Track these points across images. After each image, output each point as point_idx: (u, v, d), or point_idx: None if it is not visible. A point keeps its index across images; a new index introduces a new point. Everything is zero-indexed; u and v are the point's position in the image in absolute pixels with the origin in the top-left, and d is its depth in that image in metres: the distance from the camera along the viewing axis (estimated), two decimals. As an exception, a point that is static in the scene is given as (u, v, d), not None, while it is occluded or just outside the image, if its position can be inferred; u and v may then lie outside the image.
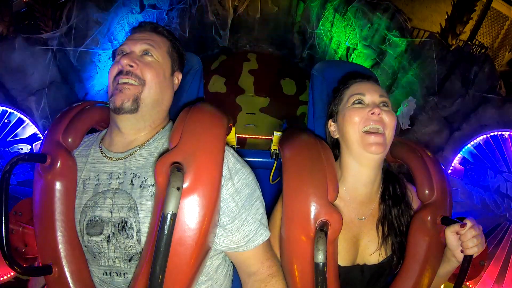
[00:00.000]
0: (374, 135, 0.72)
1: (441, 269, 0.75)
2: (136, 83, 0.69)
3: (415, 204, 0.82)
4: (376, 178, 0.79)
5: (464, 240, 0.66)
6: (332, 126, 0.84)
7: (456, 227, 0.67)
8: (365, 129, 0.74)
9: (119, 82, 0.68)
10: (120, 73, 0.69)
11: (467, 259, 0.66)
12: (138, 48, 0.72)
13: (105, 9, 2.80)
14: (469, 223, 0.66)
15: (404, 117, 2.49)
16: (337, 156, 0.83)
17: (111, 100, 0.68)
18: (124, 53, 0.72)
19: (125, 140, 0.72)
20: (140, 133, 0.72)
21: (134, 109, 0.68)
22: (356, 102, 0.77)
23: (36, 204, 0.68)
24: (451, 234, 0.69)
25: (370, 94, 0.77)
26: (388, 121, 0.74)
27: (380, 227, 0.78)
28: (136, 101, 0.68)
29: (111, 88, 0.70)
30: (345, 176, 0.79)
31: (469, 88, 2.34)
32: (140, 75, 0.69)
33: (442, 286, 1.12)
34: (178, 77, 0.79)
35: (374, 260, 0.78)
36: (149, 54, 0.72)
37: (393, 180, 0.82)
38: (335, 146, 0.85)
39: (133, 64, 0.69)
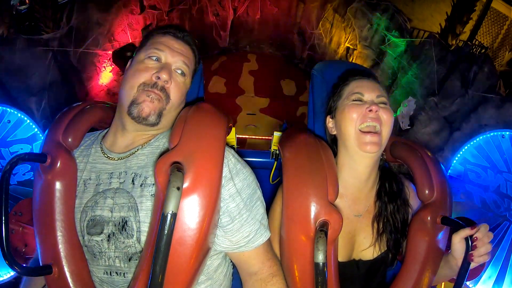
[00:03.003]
0: (370, 134, 0.73)
1: (442, 271, 0.74)
2: (163, 99, 0.68)
3: (413, 201, 0.81)
4: (371, 175, 0.79)
5: (480, 246, 0.63)
6: (330, 122, 0.84)
7: (467, 231, 0.64)
8: (362, 126, 0.74)
9: (149, 91, 0.66)
10: (153, 85, 0.67)
11: (465, 265, 0.65)
12: (175, 62, 0.70)
13: (105, 10, 2.81)
14: (484, 228, 0.63)
15: (404, 117, 2.49)
16: (335, 153, 0.83)
17: (136, 106, 0.66)
18: (159, 61, 0.69)
19: (128, 141, 0.72)
20: (144, 135, 0.72)
21: (156, 123, 0.68)
22: (355, 99, 0.77)
23: (36, 204, 0.68)
24: (460, 240, 0.65)
25: (369, 92, 0.77)
26: (386, 118, 0.74)
27: (375, 224, 0.78)
28: (160, 116, 0.68)
29: (135, 92, 0.67)
30: (341, 172, 0.79)
31: (469, 88, 2.34)
32: (169, 94, 0.69)
33: (443, 286, 1.12)
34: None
35: (369, 256, 0.78)
36: (183, 74, 0.72)
37: (390, 177, 0.82)
38: (333, 143, 0.85)
39: (169, 81, 0.68)
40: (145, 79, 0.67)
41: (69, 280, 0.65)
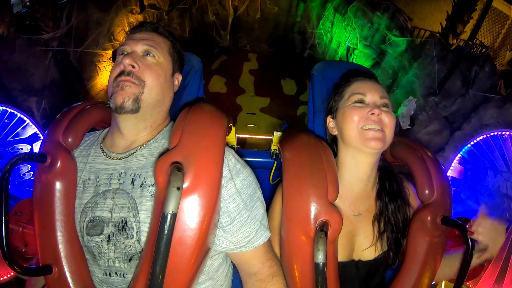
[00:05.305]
0: (374, 130, 0.73)
1: (442, 270, 0.74)
2: (136, 83, 0.69)
3: (414, 201, 0.81)
4: (372, 174, 0.79)
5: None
6: (331, 122, 0.84)
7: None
8: (364, 128, 0.74)
9: (119, 81, 0.68)
10: (121, 73, 0.69)
11: (465, 265, 0.65)
12: (139, 48, 0.72)
13: (105, 10, 2.80)
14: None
15: (404, 116, 2.48)
16: (335, 152, 0.83)
17: (111, 98, 0.68)
18: (126, 53, 0.72)
19: (126, 141, 0.72)
20: (141, 133, 0.72)
21: (135, 110, 0.68)
22: (357, 101, 0.77)
23: (36, 204, 0.68)
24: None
25: (371, 94, 0.77)
26: (388, 122, 0.74)
27: (376, 223, 0.78)
28: (137, 101, 0.68)
29: (111, 87, 0.70)
30: (341, 172, 0.79)
31: (470, 88, 2.34)
32: (141, 77, 0.69)
33: (443, 286, 1.12)
34: (178, 78, 0.80)
35: (369, 256, 0.78)
36: (151, 54, 0.72)
37: (390, 177, 0.82)
38: (333, 142, 0.85)
39: (135, 64, 0.68)
40: (115, 73, 0.70)
41: (69, 280, 0.65)
